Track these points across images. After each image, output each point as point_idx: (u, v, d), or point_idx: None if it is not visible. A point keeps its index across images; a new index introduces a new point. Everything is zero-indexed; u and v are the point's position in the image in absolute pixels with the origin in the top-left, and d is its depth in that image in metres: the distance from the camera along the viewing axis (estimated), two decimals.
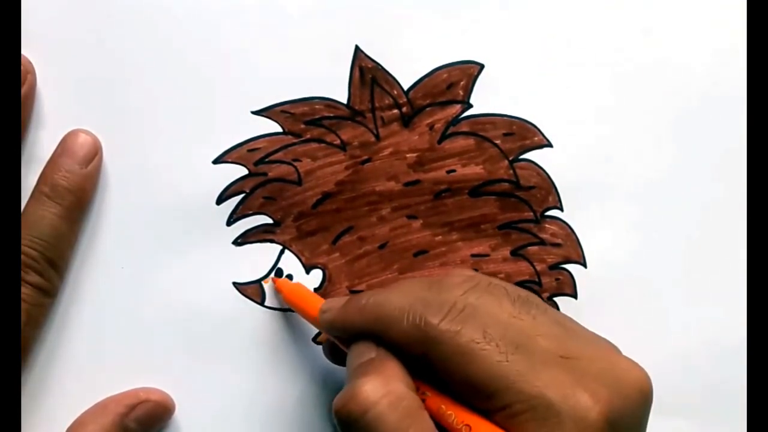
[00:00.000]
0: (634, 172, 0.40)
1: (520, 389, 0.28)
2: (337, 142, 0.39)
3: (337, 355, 0.38)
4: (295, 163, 0.39)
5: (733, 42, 0.40)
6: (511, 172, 0.40)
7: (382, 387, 0.29)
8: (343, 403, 0.29)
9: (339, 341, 0.34)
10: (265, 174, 0.39)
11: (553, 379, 0.28)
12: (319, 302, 0.35)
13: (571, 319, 0.32)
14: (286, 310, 0.39)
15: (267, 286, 0.39)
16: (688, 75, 0.40)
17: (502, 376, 0.29)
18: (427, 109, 0.39)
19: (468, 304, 0.31)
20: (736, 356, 0.40)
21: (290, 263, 0.39)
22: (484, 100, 0.39)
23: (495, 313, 0.31)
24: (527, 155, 0.40)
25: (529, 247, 0.40)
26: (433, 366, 0.30)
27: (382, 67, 0.39)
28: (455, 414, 0.29)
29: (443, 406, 0.30)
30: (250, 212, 0.39)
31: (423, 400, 0.30)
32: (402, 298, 0.32)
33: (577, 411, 0.28)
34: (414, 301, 0.31)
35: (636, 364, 0.31)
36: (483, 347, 0.29)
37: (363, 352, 0.32)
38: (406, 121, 0.39)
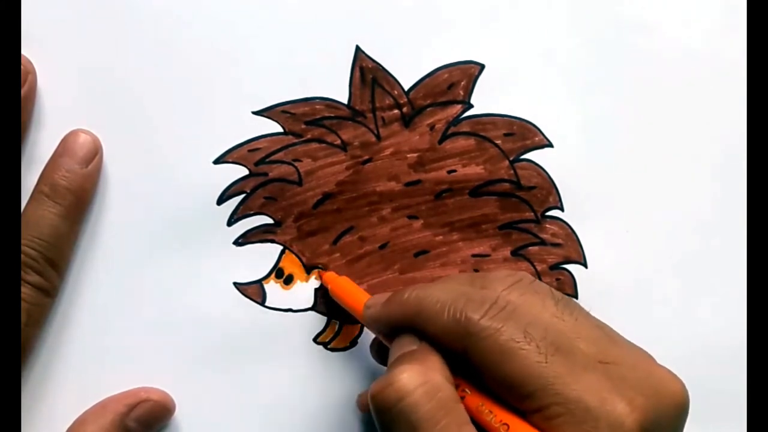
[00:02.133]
0: (635, 172, 0.40)
1: (558, 391, 0.28)
2: (338, 142, 0.39)
3: (382, 354, 0.38)
4: (296, 164, 0.39)
5: (735, 42, 0.40)
6: (512, 172, 0.40)
7: (420, 376, 0.29)
8: (379, 389, 0.29)
9: (383, 337, 0.34)
10: (265, 174, 0.39)
11: (591, 383, 0.28)
12: (365, 297, 0.36)
13: (610, 327, 0.32)
14: (286, 310, 0.39)
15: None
16: (689, 75, 0.40)
17: (540, 376, 0.28)
18: (428, 109, 0.39)
19: (510, 302, 0.31)
20: (736, 356, 0.40)
21: (290, 263, 0.39)
22: (484, 100, 0.39)
23: (537, 312, 0.30)
24: (528, 155, 0.40)
25: (530, 247, 0.40)
26: (472, 362, 0.30)
27: (383, 68, 0.39)
28: (495, 412, 0.29)
29: (482, 404, 0.30)
30: (251, 212, 0.39)
31: (462, 398, 0.30)
32: (444, 293, 0.32)
33: (614, 417, 0.27)
34: (456, 296, 0.31)
35: (675, 376, 0.30)
36: (523, 347, 0.29)
37: (404, 345, 0.32)
38: (407, 121, 0.39)
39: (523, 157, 0.40)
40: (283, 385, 0.39)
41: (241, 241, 0.39)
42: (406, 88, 0.39)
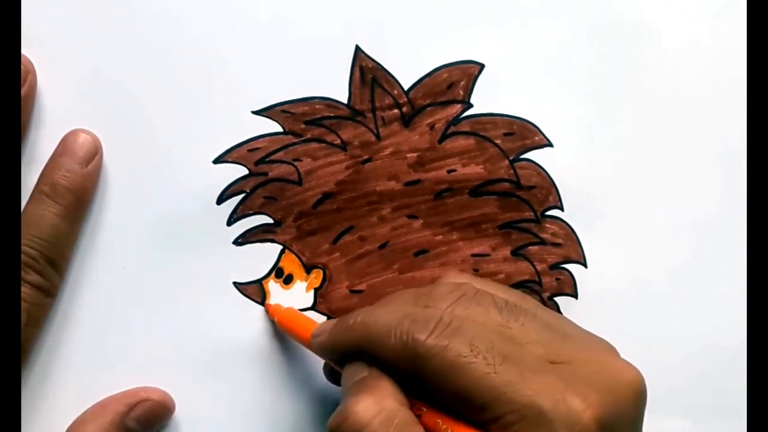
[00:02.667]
0: (635, 172, 0.40)
1: (509, 399, 0.28)
2: (338, 141, 0.39)
3: (335, 376, 0.38)
4: (296, 163, 0.39)
5: (735, 41, 0.40)
6: (512, 171, 0.40)
7: (375, 405, 0.29)
8: (337, 424, 0.30)
9: (334, 363, 0.34)
10: (265, 174, 0.39)
11: (543, 386, 0.28)
12: (312, 326, 0.36)
13: (565, 320, 0.32)
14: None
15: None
16: (689, 75, 0.40)
17: (491, 387, 0.29)
18: (428, 108, 0.39)
19: (455, 317, 0.31)
20: (736, 356, 0.40)
21: (290, 263, 0.39)
22: (484, 100, 0.39)
23: (482, 323, 0.31)
24: (528, 155, 0.40)
25: (530, 247, 0.40)
26: (424, 382, 0.30)
27: (383, 67, 0.39)
28: (451, 429, 0.29)
29: (439, 421, 0.30)
30: (251, 212, 0.39)
31: (419, 416, 0.30)
32: (389, 315, 0.32)
33: (569, 416, 0.28)
34: (401, 318, 0.31)
35: (629, 365, 0.31)
36: (470, 360, 0.29)
37: (355, 372, 0.32)
38: (407, 120, 0.39)
39: (522, 156, 0.40)
40: (283, 386, 0.39)
41: (241, 240, 0.39)
42: (405, 88, 0.39)
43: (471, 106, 0.39)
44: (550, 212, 0.40)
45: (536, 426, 0.28)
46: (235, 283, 0.39)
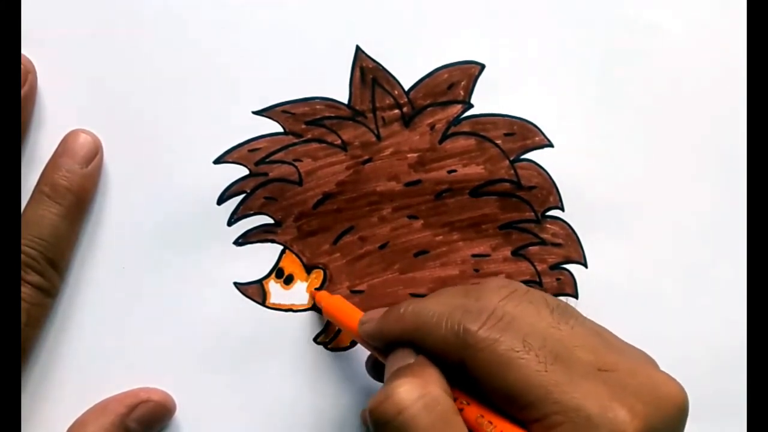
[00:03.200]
0: (635, 172, 0.40)
1: (558, 400, 0.28)
2: (338, 142, 0.39)
3: (378, 371, 0.38)
4: (296, 163, 0.39)
5: (735, 41, 0.40)
6: (512, 172, 0.40)
7: (418, 389, 0.29)
8: (377, 403, 0.29)
9: (378, 353, 0.34)
10: (265, 174, 0.39)
11: (591, 391, 0.28)
12: (359, 315, 0.36)
13: (608, 331, 0.32)
14: (286, 310, 0.39)
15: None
16: (689, 75, 0.40)
17: (540, 385, 0.28)
18: (428, 109, 0.39)
19: (507, 312, 0.30)
20: (736, 357, 0.40)
21: (290, 263, 0.39)
22: (484, 100, 0.39)
23: (534, 322, 0.30)
24: (528, 155, 0.40)
25: (530, 247, 0.40)
26: (471, 374, 0.30)
27: (383, 67, 0.39)
28: (494, 423, 0.29)
29: (481, 415, 0.29)
30: (251, 212, 0.39)
31: (461, 410, 0.30)
32: (440, 305, 0.32)
33: (614, 425, 0.27)
34: (452, 309, 0.31)
35: (673, 380, 0.30)
36: (522, 356, 0.29)
37: (401, 358, 0.32)
38: (407, 121, 0.39)
39: (523, 157, 0.40)
40: (283, 386, 0.39)
41: (241, 241, 0.39)
42: (406, 88, 0.39)
43: (471, 106, 0.39)
44: (550, 212, 0.40)
45: (581, 430, 0.27)
46: (235, 284, 0.39)
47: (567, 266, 0.40)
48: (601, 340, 0.31)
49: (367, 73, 0.39)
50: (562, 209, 0.40)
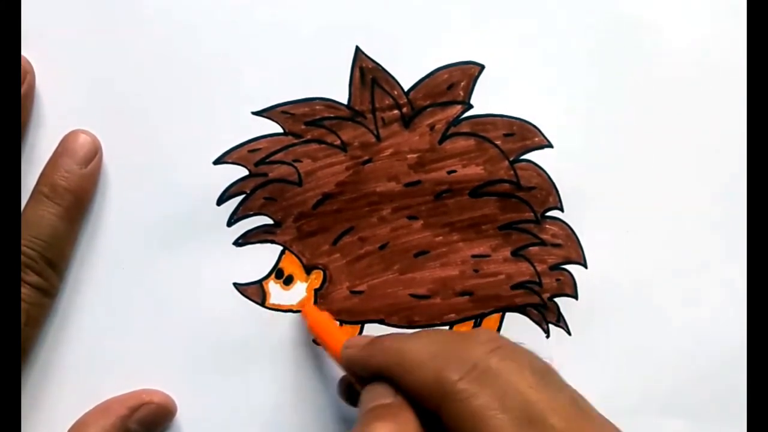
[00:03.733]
0: (635, 172, 0.40)
1: None
2: (338, 142, 0.39)
3: (350, 395, 0.38)
4: (296, 164, 0.39)
5: (735, 41, 0.40)
6: (512, 172, 0.40)
7: None
8: None
9: (356, 379, 0.34)
10: (265, 174, 0.39)
11: None
12: (343, 337, 0.36)
13: (584, 399, 0.32)
14: (286, 310, 0.39)
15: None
16: (690, 75, 0.40)
17: None
18: (428, 109, 0.39)
19: (490, 367, 0.30)
20: (736, 356, 0.40)
21: (290, 264, 0.39)
22: (484, 101, 0.39)
23: (515, 381, 0.30)
24: (528, 156, 0.40)
25: (530, 248, 0.40)
26: (445, 423, 0.30)
27: (383, 68, 0.39)
28: None
29: None
30: (251, 213, 0.39)
31: None
32: (426, 347, 0.31)
33: None
34: (437, 353, 0.31)
35: None
36: (497, 415, 0.29)
37: (380, 394, 0.31)
38: (407, 121, 0.39)
39: (523, 157, 0.40)
40: (284, 386, 0.39)
41: (241, 241, 0.39)
42: (405, 89, 0.39)
43: (471, 106, 0.39)
44: (550, 213, 0.40)
45: None
46: (235, 284, 0.39)
47: (567, 267, 0.40)
48: (576, 408, 0.31)
49: (367, 73, 0.39)
50: (562, 210, 0.40)
